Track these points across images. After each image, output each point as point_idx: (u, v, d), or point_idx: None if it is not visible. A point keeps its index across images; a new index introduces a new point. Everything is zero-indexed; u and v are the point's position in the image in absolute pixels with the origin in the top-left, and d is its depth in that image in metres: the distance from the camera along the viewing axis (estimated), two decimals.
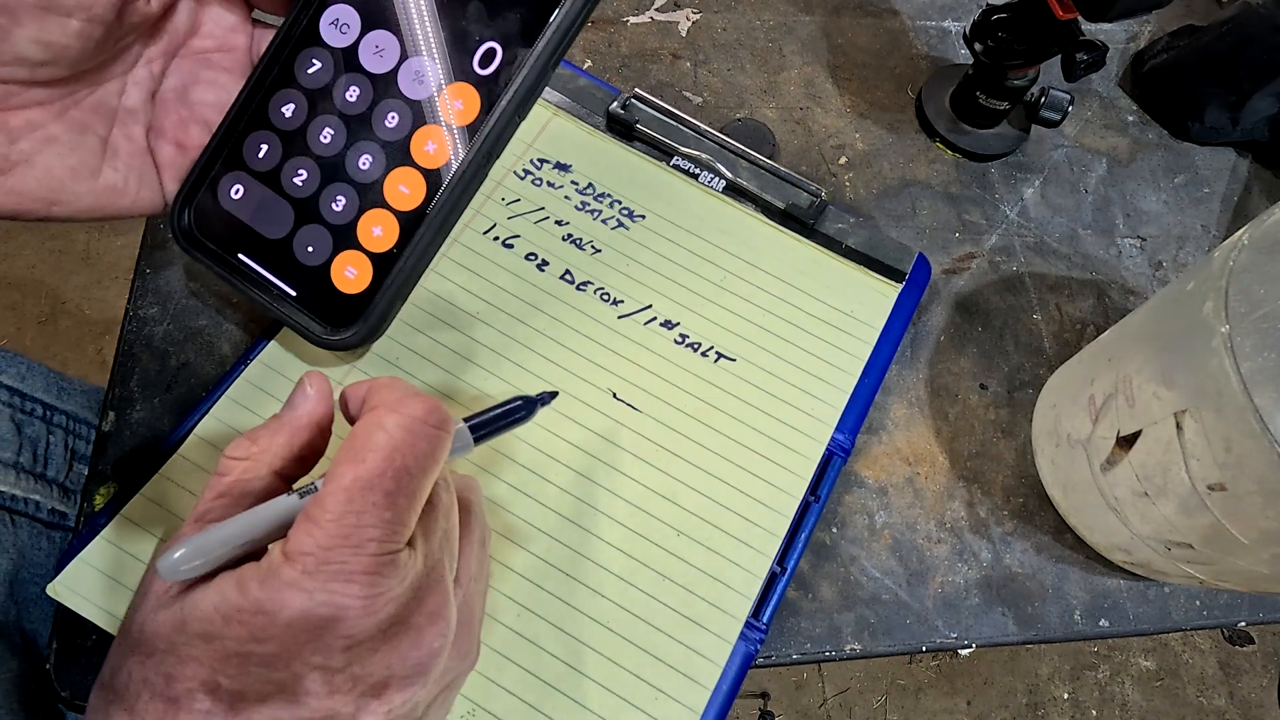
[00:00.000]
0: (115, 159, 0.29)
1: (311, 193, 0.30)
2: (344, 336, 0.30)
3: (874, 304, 0.36)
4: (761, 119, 0.43)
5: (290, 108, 0.30)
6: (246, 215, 0.30)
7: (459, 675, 0.25)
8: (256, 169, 0.30)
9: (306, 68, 0.30)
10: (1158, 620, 0.35)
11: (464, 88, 0.28)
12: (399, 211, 0.29)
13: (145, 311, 0.35)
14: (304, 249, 0.30)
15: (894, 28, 0.47)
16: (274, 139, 0.30)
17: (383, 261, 0.30)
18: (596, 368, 0.34)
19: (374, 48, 0.29)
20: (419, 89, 0.29)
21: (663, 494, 0.32)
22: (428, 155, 0.29)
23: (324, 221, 0.30)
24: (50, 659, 0.30)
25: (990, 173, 0.43)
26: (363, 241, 0.30)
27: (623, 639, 0.30)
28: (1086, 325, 0.40)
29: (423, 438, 0.22)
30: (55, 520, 0.40)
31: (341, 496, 0.21)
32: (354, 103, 0.29)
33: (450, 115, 0.29)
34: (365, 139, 0.29)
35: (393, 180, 0.29)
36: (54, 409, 0.42)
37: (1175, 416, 0.27)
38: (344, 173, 0.30)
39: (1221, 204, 0.45)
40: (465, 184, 0.29)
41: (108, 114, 0.29)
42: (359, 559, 0.20)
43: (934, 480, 0.36)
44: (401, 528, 0.21)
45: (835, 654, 0.33)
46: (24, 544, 0.38)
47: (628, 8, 0.46)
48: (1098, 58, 0.36)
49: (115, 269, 1.12)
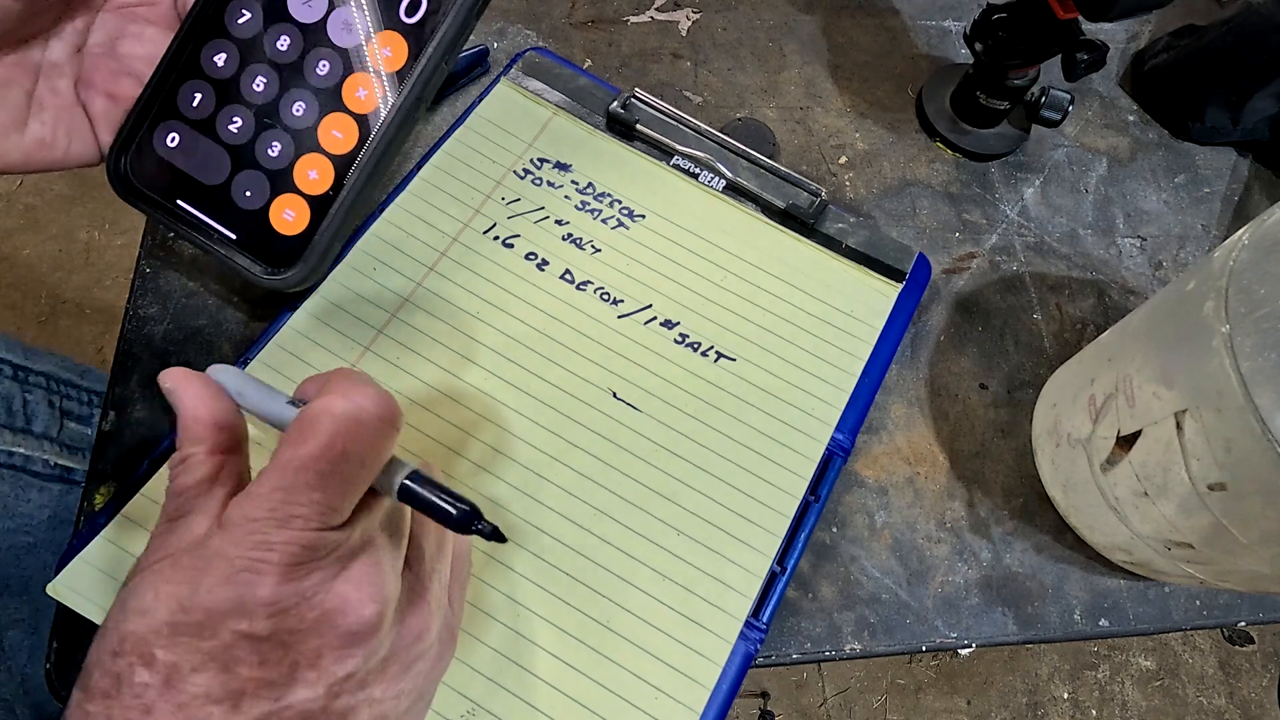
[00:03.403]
0: (42, 112, 0.30)
1: (247, 139, 0.31)
2: (285, 276, 0.31)
3: (874, 304, 0.36)
4: (762, 119, 0.43)
5: (222, 57, 0.31)
6: (183, 162, 0.32)
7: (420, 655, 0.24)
8: (191, 117, 0.31)
9: (236, 18, 0.31)
10: (1158, 620, 0.35)
11: (392, 35, 0.30)
12: (333, 155, 0.31)
13: (145, 311, 0.35)
14: (242, 194, 0.31)
15: (894, 27, 0.47)
16: (207, 88, 0.31)
17: (320, 203, 0.31)
18: (596, 368, 0.34)
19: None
20: (348, 37, 0.30)
21: (663, 494, 0.32)
22: (359, 101, 0.30)
23: (260, 167, 0.31)
24: (50, 659, 0.30)
25: (990, 172, 0.43)
26: (299, 185, 0.31)
27: (623, 639, 0.30)
28: (1086, 325, 0.40)
29: (366, 427, 0.23)
30: (58, 474, 0.42)
31: (276, 474, 0.22)
32: (285, 51, 0.31)
33: (379, 62, 0.30)
34: (297, 86, 0.31)
35: (326, 125, 0.31)
36: (26, 369, 0.43)
37: (1175, 416, 0.27)
38: (278, 119, 0.31)
39: (1222, 204, 0.45)
40: (396, 127, 0.30)
41: (31, 69, 0.30)
42: (282, 533, 0.21)
43: (934, 480, 0.36)
44: (331, 510, 0.22)
45: (835, 654, 0.33)
46: (4, 494, 0.40)
47: (628, 7, 0.46)
48: (1098, 57, 0.36)
49: (115, 269, 1.12)
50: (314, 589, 0.21)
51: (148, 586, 0.21)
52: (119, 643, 0.20)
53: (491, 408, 0.33)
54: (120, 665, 0.20)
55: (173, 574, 0.21)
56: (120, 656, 0.20)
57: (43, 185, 1.15)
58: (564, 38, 0.44)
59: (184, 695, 0.20)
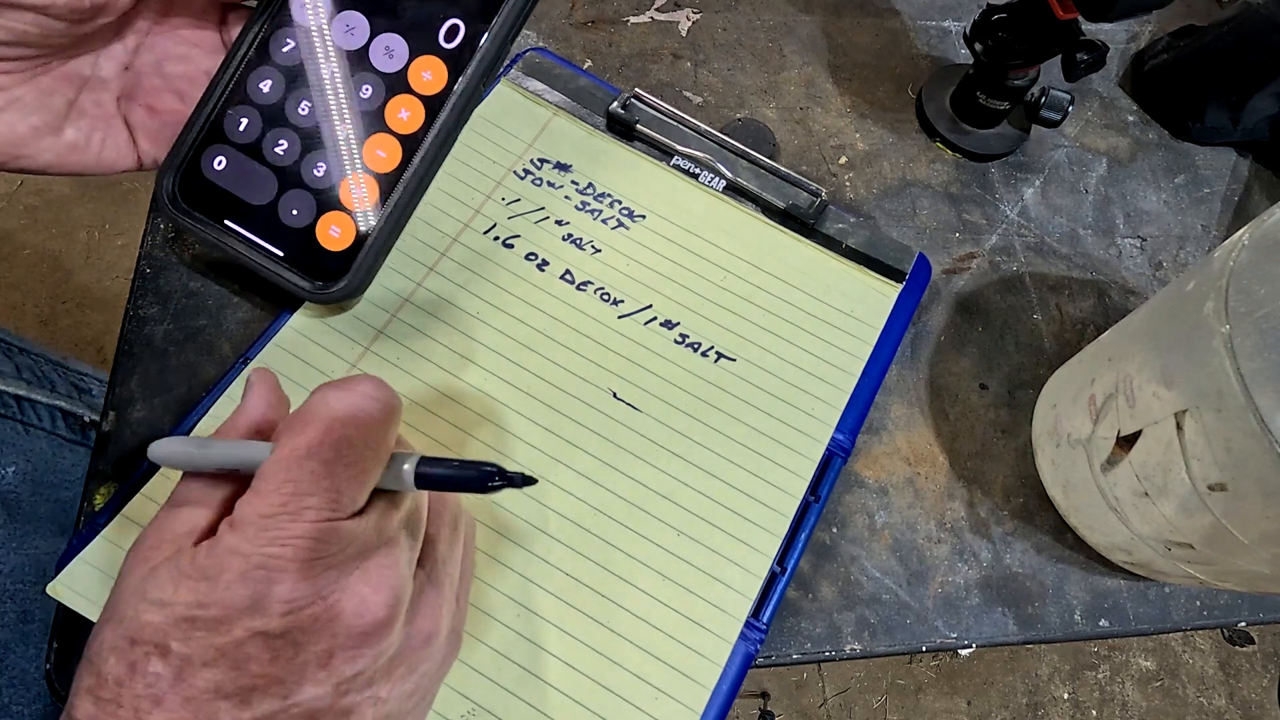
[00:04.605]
0: (80, 119, 0.31)
1: (293, 161, 0.32)
2: (333, 291, 0.32)
3: (874, 304, 0.36)
4: (762, 119, 0.43)
5: (268, 84, 0.32)
6: (230, 184, 0.32)
7: (428, 657, 0.24)
8: (238, 141, 0.32)
9: (281, 47, 0.32)
10: (1158, 620, 0.35)
11: (431, 60, 0.31)
12: (378, 173, 0.32)
13: (145, 311, 0.35)
14: (289, 212, 0.32)
15: (894, 28, 0.47)
16: (254, 113, 0.32)
17: (365, 219, 0.32)
18: (596, 368, 0.34)
19: (345, 26, 0.32)
20: (390, 63, 0.32)
21: (663, 494, 0.32)
22: (401, 122, 0.32)
23: (306, 186, 0.32)
24: (50, 659, 0.30)
25: (990, 173, 0.43)
26: (344, 202, 0.32)
27: (623, 639, 0.30)
28: (1087, 325, 0.40)
29: (365, 411, 0.23)
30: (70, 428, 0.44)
31: (281, 466, 0.21)
32: (329, 79, 0.32)
33: (420, 85, 0.32)
34: (341, 110, 0.32)
35: (370, 145, 0.32)
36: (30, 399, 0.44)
37: (1175, 416, 0.27)
38: (323, 141, 0.32)
39: (1222, 204, 0.45)
40: (439, 146, 0.32)
41: (77, 82, 0.31)
42: (296, 525, 0.21)
43: (934, 480, 0.36)
44: (343, 497, 0.22)
45: (835, 654, 0.33)
46: None
47: (628, 8, 0.46)
48: (1098, 58, 0.36)
49: (115, 269, 1.12)
50: (329, 587, 0.21)
51: (167, 578, 0.21)
52: (137, 630, 0.21)
53: (491, 408, 0.33)
54: (136, 654, 0.20)
55: (191, 568, 0.21)
56: (137, 644, 0.20)
57: (43, 185, 1.16)
58: (564, 38, 0.44)
59: (194, 689, 0.20)
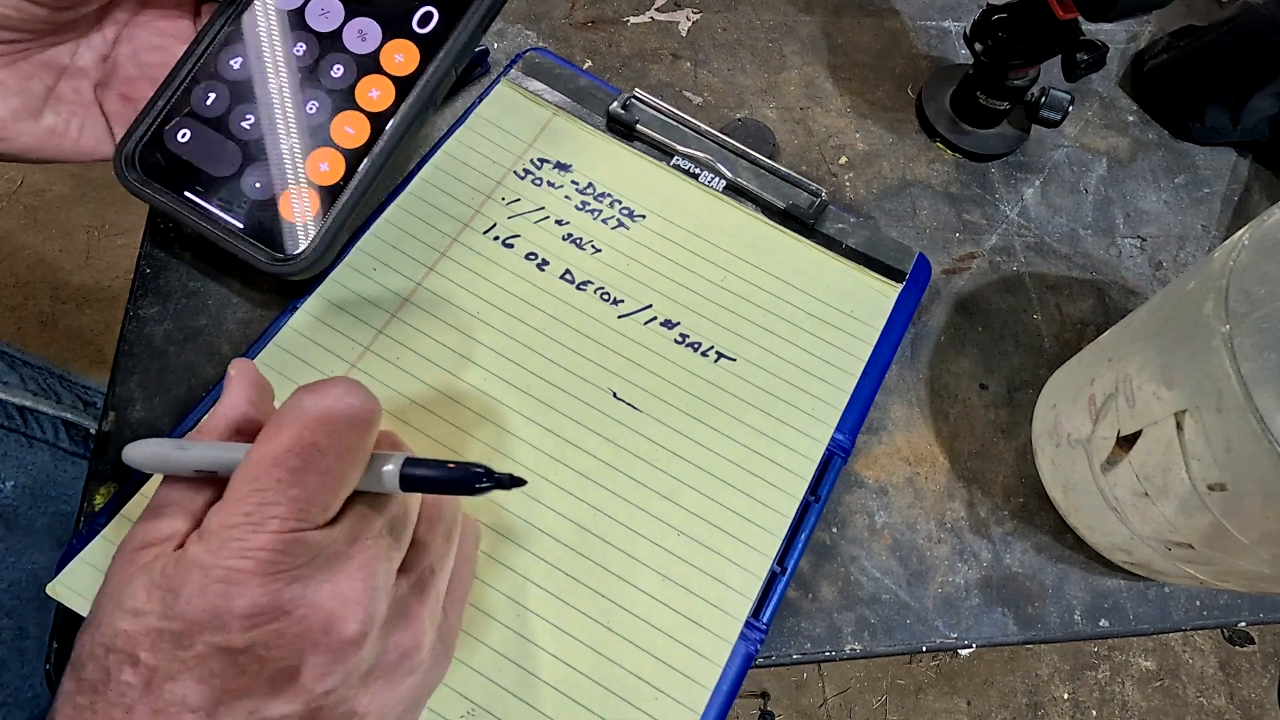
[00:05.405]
0: (58, 105, 0.31)
1: (259, 135, 0.33)
2: (290, 263, 0.32)
3: (874, 304, 0.36)
4: (761, 119, 0.43)
5: (239, 60, 0.33)
6: (194, 156, 0.33)
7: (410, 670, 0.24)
8: (205, 115, 0.33)
9: (255, 26, 0.33)
10: (1158, 620, 0.35)
11: (404, 44, 0.33)
12: (344, 149, 0.33)
13: (145, 311, 0.35)
14: (251, 185, 0.33)
15: (894, 28, 0.47)
16: (222, 87, 0.33)
17: (329, 193, 0.33)
18: (596, 368, 0.34)
19: (320, 10, 0.33)
20: (362, 45, 0.33)
21: (662, 494, 0.32)
22: (371, 100, 0.33)
23: (271, 160, 0.33)
24: (50, 659, 0.30)
25: (990, 173, 0.43)
26: (310, 176, 0.33)
27: (623, 639, 0.30)
28: (1086, 325, 0.40)
29: (339, 417, 0.22)
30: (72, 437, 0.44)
31: (248, 475, 0.21)
32: (301, 57, 0.33)
33: (392, 67, 0.33)
34: (312, 87, 0.33)
35: (339, 122, 0.33)
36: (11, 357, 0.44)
37: (1175, 416, 0.27)
38: (290, 116, 0.33)
39: (1222, 204, 0.45)
40: (407, 125, 0.32)
41: (56, 69, 0.31)
42: (258, 536, 0.20)
43: (934, 480, 0.36)
44: (312, 506, 0.21)
45: (835, 654, 0.33)
46: None
47: (628, 8, 0.46)
48: (1098, 58, 0.36)
49: (115, 269, 1.12)
50: (294, 601, 0.21)
51: (140, 587, 0.21)
52: (112, 637, 0.20)
53: (491, 408, 0.33)
54: (110, 661, 0.20)
55: (160, 578, 0.21)
56: (112, 652, 0.20)
57: (43, 185, 1.16)
58: (564, 38, 0.44)
59: (161, 700, 0.20)
